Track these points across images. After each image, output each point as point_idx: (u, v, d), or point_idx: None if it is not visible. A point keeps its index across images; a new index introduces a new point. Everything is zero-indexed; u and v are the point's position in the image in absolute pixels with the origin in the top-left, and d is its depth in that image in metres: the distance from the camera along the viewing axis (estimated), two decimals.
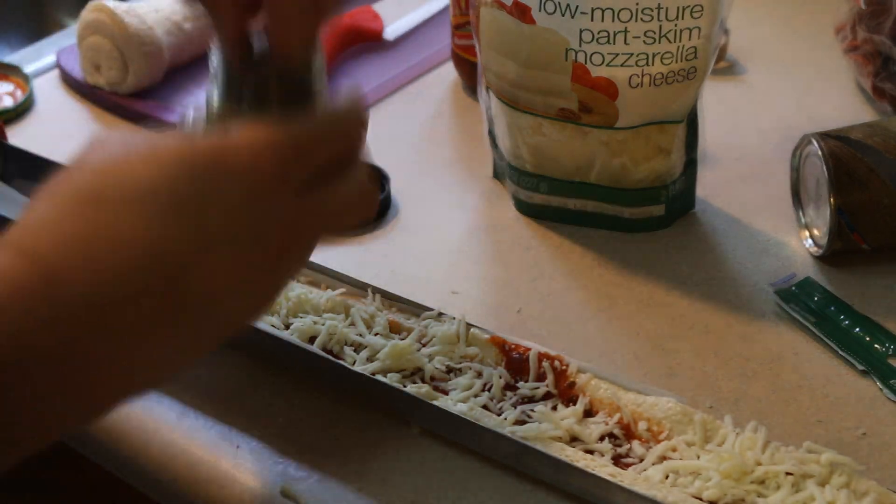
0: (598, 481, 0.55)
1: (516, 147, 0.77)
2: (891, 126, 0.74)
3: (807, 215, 0.76)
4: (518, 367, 0.62)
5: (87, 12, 0.92)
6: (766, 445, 0.57)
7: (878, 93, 0.88)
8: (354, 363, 0.63)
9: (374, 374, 0.62)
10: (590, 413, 0.60)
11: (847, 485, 0.55)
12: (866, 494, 0.54)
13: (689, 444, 0.58)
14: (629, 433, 0.59)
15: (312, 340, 0.64)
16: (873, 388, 0.64)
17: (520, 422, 0.59)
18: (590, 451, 0.58)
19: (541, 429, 0.58)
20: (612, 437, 0.59)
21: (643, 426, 0.59)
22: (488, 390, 0.61)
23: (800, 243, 0.75)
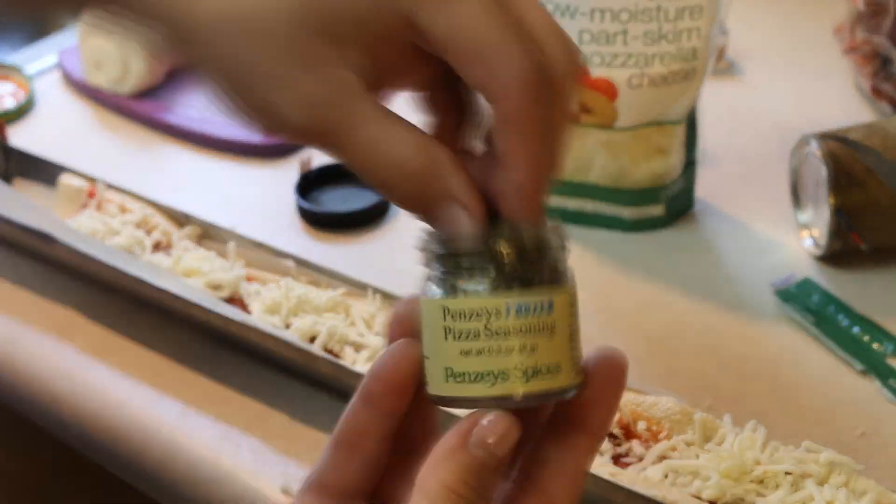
0: (597, 481, 0.55)
1: None
2: (889, 127, 0.74)
3: (806, 215, 0.76)
4: None
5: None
6: (766, 445, 0.57)
7: (876, 93, 0.88)
8: (354, 363, 0.63)
9: None
10: None
11: (846, 484, 0.55)
12: (865, 494, 0.54)
13: (689, 444, 0.58)
14: (629, 433, 0.59)
15: (312, 340, 0.64)
16: (872, 387, 0.64)
17: None
18: None
19: None
20: (611, 436, 0.59)
21: (643, 426, 0.59)
22: None
23: (799, 243, 0.75)
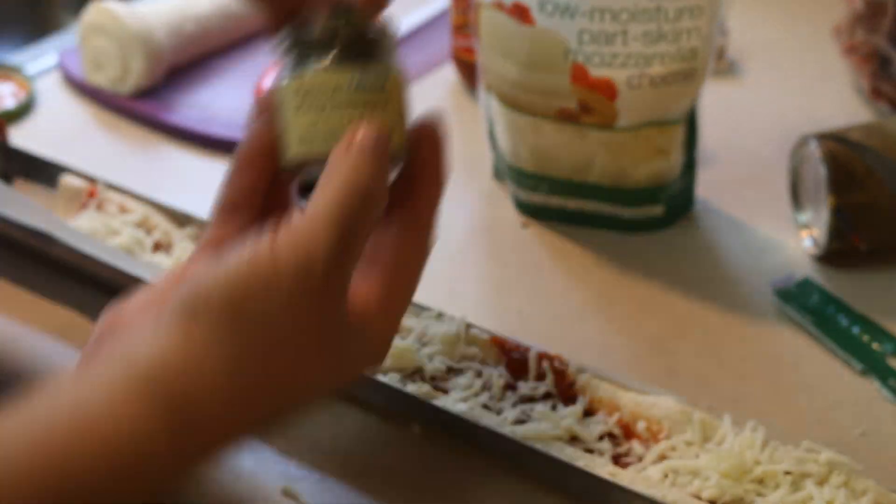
0: (597, 481, 0.56)
1: (516, 147, 0.77)
2: (889, 127, 0.74)
3: (806, 215, 0.76)
4: (518, 367, 0.62)
5: (88, 13, 0.92)
6: (765, 445, 0.57)
7: (876, 94, 0.88)
8: None
9: (374, 374, 0.62)
10: (589, 413, 0.60)
11: (845, 484, 0.55)
12: (864, 494, 0.55)
13: (689, 444, 0.58)
14: (628, 433, 0.59)
15: None
16: (872, 387, 0.64)
17: (520, 421, 0.59)
18: (589, 451, 0.58)
19: (540, 428, 0.58)
20: (611, 436, 0.59)
21: (642, 426, 0.59)
22: (488, 390, 0.61)
23: (799, 243, 0.76)
